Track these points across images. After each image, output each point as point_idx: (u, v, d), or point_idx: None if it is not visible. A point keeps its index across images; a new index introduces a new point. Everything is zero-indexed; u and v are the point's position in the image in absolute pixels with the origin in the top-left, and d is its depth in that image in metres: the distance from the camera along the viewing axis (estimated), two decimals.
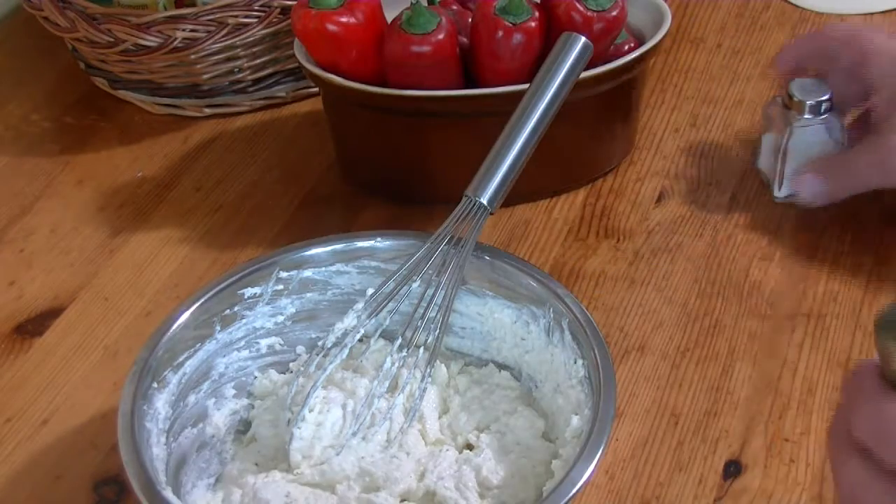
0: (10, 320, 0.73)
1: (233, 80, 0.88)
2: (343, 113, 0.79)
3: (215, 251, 0.78)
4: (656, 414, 0.65)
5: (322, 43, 0.73)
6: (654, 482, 0.61)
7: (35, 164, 0.87)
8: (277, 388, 0.65)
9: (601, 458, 0.53)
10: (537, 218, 0.79)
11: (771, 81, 0.90)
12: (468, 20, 0.76)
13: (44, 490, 0.63)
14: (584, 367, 0.59)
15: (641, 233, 0.77)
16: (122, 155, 0.88)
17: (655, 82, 0.90)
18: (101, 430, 0.65)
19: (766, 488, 0.61)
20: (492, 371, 0.65)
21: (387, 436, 0.61)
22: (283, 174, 0.84)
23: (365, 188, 0.82)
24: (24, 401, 0.68)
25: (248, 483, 0.59)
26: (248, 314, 0.64)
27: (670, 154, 0.84)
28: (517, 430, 0.61)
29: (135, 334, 0.71)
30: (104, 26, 0.83)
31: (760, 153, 0.80)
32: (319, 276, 0.66)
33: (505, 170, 0.64)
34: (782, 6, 0.99)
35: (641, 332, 0.70)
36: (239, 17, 0.83)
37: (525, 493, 0.58)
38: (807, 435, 0.63)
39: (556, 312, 0.62)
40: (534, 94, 0.66)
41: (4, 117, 0.93)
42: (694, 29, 0.97)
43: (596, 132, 0.79)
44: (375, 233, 0.67)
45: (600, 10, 0.72)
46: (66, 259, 0.78)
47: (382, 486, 0.58)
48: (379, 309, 0.63)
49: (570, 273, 0.74)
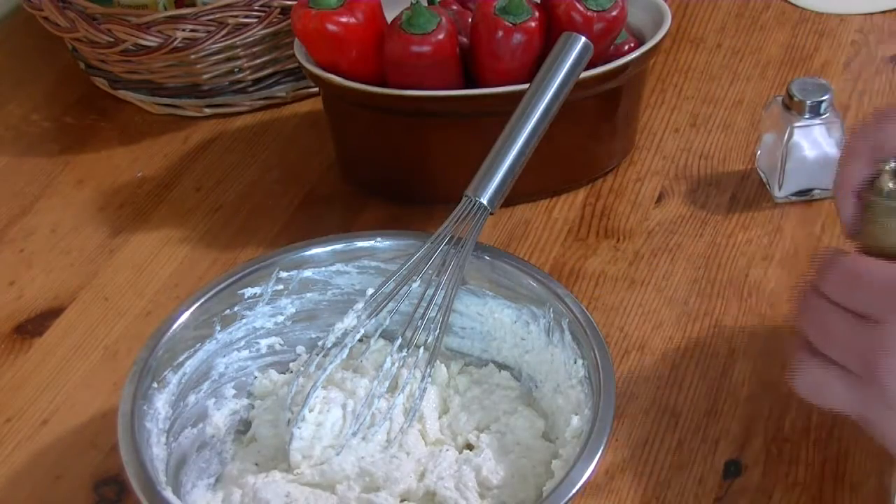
0: (10, 320, 0.73)
1: (233, 80, 0.88)
2: (343, 113, 0.79)
3: (215, 251, 0.78)
4: (656, 414, 0.65)
5: (322, 43, 0.73)
6: (654, 482, 0.61)
7: (35, 164, 0.87)
8: (277, 388, 0.65)
9: (601, 458, 0.53)
10: (537, 218, 0.79)
11: (771, 81, 0.90)
12: (468, 20, 0.76)
13: (44, 490, 0.63)
14: (584, 367, 0.59)
15: (641, 233, 0.77)
16: (122, 155, 0.88)
17: (655, 82, 0.90)
18: (101, 430, 0.65)
19: (766, 488, 0.61)
20: (492, 371, 0.65)
21: (387, 436, 0.61)
22: (283, 174, 0.84)
23: (365, 188, 0.82)
24: (24, 401, 0.68)
25: (248, 483, 0.59)
26: (248, 314, 0.64)
27: (670, 154, 0.84)
28: (517, 430, 0.61)
29: (135, 334, 0.71)
30: (104, 26, 0.83)
31: (760, 153, 0.80)
32: (319, 276, 0.66)
33: (505, 170, 0.64)
34: (782, 6, 0.99)
35: (641, 332, 0.70)
36: (239, 17, 0.83)
37: (525, 493, 0.58)
38: (807, 435, 0.63)
39: (556, 312, 0.62)
40: (534, 94, 0.66)
41: (4, 117, 0.93)
42: (694, 29, 0.97)
43: (596, 132, 0.79)
44: (375, 233, 0.66)
45: (600, 10, 0.72)
46: (66, 259, 0.78)
47: (382, 486, 0.58)
48: (379, 309, 0.63)
49: (570, 273, 0.74)
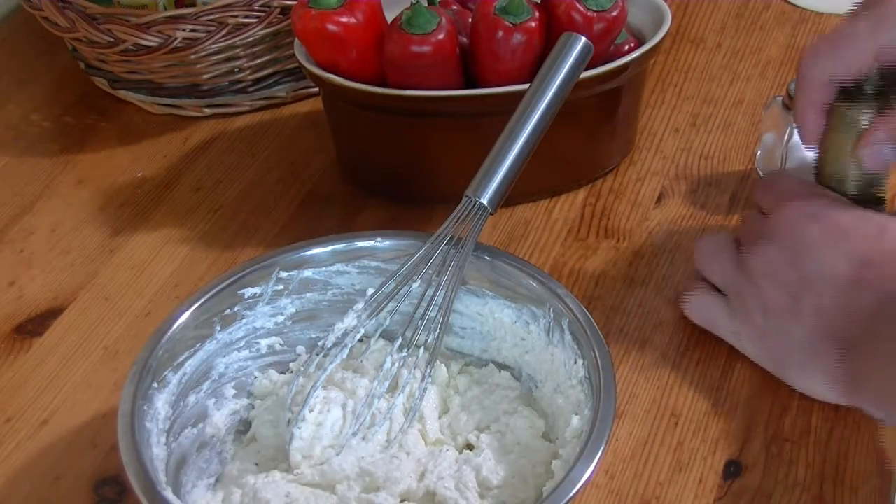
0: (10, 320, 0.73)
1: (233, 80, 0.88)
2: (343, 113, 0.79)
3: (215, 251, 0.78)
4: (656, 414, 0.65)
5: (322, 43, 0.73)
6: (654, 482, 0.61)
7: (35, 164, 0.87)
8: (277, 388, 0.65)
9: (601, 458, 0.53)
10: (537, 218, 0.79)
11: (771, 81, 0.90)
12: (468, 20, 0.76)
13: (43, 490, 0.63)
14: (584, 367, 0.59)
15: (641, 233, 0.77)
16: (122, 155, 0.88)
17: (655, 82, 0.90)
18: (101, 430, 0.65)
19: (766, 488, 0.61)
20: (492, 371, 0.65)
21: (387, 436, 0.61)
22: (283, 174, 0.84)
23: (365, 188, 0.82)
24: (24, 401, 0.68)
25: (248, 483, 0.59)
26: (248, 314, 0.64)
27: (670, 154, 0.84)
28: (517, 431, 0.61)
29: (135, 334, 0.71)
30: (104, 26, 0.83)
31: (760, 153, 0.80)
32: (319, 276, 0.66)
33: (505, 170, 0.64)
34: (782, 6, 0.99)
35: (641, 332, 0.70)
36: (239, 17, 0.83)
37: (525, 493, 0.58)
38: (807, 435, 0.63)
39: (556, 312, 0.62)
40: (534, 95, 0.66)
41: (4, 117, 0.93)
42: (694, 29, 0.97)
43: (596, 132, 0.79)
44: (375, 233, 0.66)
45: (601, 10, 0.72)
46: (66, 259, 0.78)
47: (382, 487, 0.58)
48: (379, 309, 0.63)
49: (570, 273, 0.74)
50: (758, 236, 0.64)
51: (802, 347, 0.61)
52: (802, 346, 0.61)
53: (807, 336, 0.60)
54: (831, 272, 0.59)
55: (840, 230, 0.60)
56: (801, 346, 0.61)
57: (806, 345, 0.61)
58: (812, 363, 0.61)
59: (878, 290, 0.58)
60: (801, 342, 0.61)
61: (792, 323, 0.61)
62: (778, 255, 0.62)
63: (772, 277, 0.62)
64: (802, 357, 0.61)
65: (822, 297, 0.60)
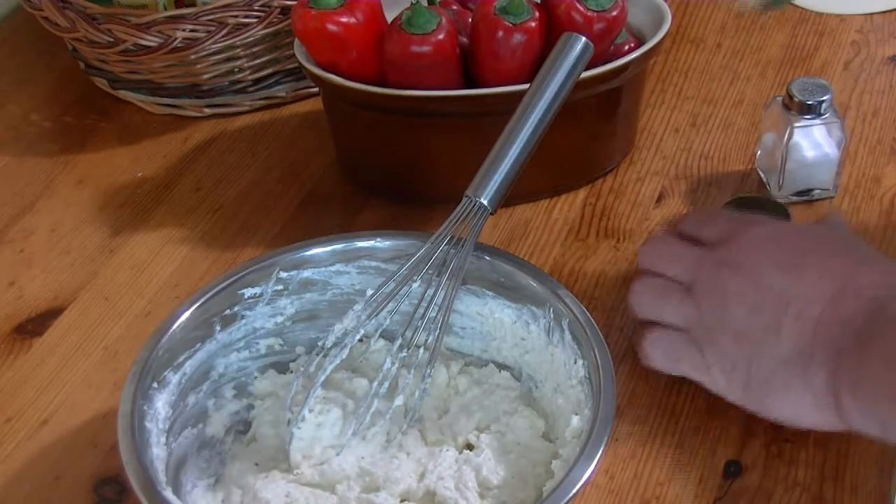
0: (10, 320, 0.73)
1: (233, 80, 0.88)
2: (343, 113, 0.79)
3: (215, 251, 0.78)
4: (656, 414, 0.65)
5: (322, 43, 0.73)
6: (654, 482, 0.61)
7: (35, 164, 0.87)
8: (277, 389, 0.65)
9: (601, 458, 0.53)
10: (537, 218, 0.79)
11: (771, 81, 0.90)
12: (468, 20, 0.76)
13: (43, 490, 0.63)
14: (584, 367, 0.59)
15: (641, 233, 0.77)
16: (122, 155, 0.88)
17: (655, 82, 0.90)
18: (101, 430, 0.65)
19: (766, 488, 0.61)
20: (492, 371, 0.65)
21: (387, 436, 0.61)
22: (283, 174, 0.84)
23: (365, 188, 0.82)
24: (24, 401, 0.68)
25: (248, 483, 0.59)
26: (248, 314, 0.64)
27: (670, 154, 0.84)
28: (517, 431, 0.61)
29: (135, 334, 0.71)
30: (104, 26, 0.83)
31: (760, 153, 0.80)
32: (319, 276, 0.66)
33: (505, 170, 0.64)
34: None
35: None
36: (239, 17, 0.83)
37: (525, 493, 0.58)
38: (807, 435, 0.63)
39: (556, 312, 0.62)
40: (534, 95, 0.66)
41: (4, 117, 0.93)
42: (694, 29, 0.97)
43: (596, 132, 0.79)
44: (375, 233, 0.66)
45: (600, 10, 0.72)
46: (66, 259, 0.78)
47: (382, 486, 0.58)
48: (379, 309, 0.63)
49: (570, 273, 0.74)
50: (717, 265, 0.61)
51: (787, 366, 0.58)
52: (787, 365, 0.58)
53: (794, 351, 0.58)
54: (812, 288, 0.57)
55: (808, 248, 0.60)
56: (784, 365, 0.58)
57: (791, 362, 0.58)
58: (797, 381, 0.58)
59: (867, 298, 0.56)
60: (786, 360, 0.58)
61: (772, 342, 0.58)
62: (745, 282, 0.59)
63: (744, 303, 0.59)
64: (786, 377, 0.58)
65: (807, 311, 0.57)
